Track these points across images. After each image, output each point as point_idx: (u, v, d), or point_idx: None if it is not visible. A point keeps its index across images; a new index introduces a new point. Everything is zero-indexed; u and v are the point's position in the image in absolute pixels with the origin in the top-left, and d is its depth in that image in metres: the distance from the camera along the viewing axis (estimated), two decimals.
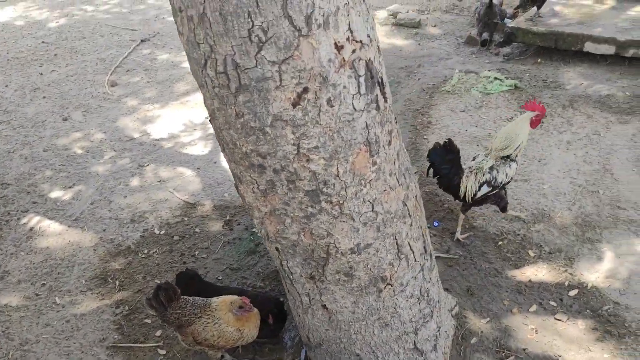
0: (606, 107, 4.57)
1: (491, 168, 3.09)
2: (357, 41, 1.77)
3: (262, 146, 1.83)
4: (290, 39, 1.64)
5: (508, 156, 3.11)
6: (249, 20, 1.60)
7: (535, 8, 5.60)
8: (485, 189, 3.10)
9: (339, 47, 1.73)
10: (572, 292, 2.92)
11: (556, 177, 3.78)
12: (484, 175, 3.08)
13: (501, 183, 3.11)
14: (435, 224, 3.50)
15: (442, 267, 3.15)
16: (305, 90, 1.73)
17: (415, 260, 2.25)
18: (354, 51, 1.76)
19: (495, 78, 5.17)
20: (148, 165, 4.35)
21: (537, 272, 3.07)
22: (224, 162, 4.23)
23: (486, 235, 3.36)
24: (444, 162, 3.16)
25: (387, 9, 7.14)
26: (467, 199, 3.14)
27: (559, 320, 2.78)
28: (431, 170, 3.26)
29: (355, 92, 1.80)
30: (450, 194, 3.26)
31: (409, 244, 2.20)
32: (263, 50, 1.65)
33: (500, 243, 3.29)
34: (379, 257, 2.11)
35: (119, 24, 7.62)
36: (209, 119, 2.00)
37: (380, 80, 1.91)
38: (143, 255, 3.40)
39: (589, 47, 5.23)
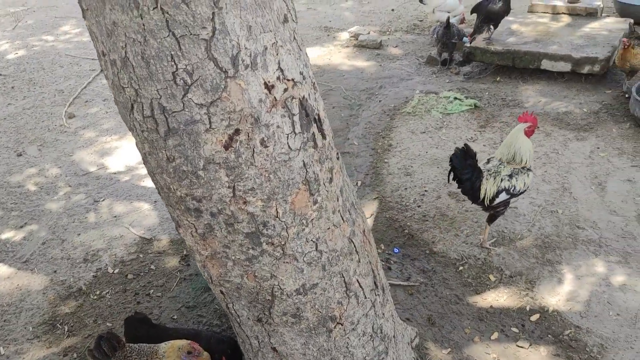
0: (564, 125, 4.62)
1: (510, 176, 3.10)
2: (288, 80, 1.72)
3: (197, 190, 1.76)
4: (217, 81, 1.58)
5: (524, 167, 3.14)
6: (173, 63, 1.54)
7: (492, 27, 5.66)
8: (504, 196, 3.11)
9: (269, 87, 1.67)
10: (534, 317, 2.89)
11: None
12: (502, 181, 3.09)
13: (519, 192, 3.13)
14: (396, 250, 3.45)
15: (403, 296, 3.09)
16: (237, 132, 1.67)
17: (366, 297, 2.19)
18: (285, 90, 1.71)
19: (455, 98, 5.19)
20: (104, 200, 4.22)
21: (498, 297, 3.03)
22: None
23: (447, 261, 3.32)
24: (465, 167, 3.11)
25: (348, 30, 7.17)
26: (485, 202, 3.13)
27: (520, 347, 2.74)
28: (451, 175, 3.20)
29: (290, 131, 1.75)
30: (471, 198, 3.21)
31: (357, 281, 2.13)
32: (190, 93, 1.58)
33: (461, 268, 3.25)
34: (326, 297, 2.04)
35: (79, 53, 7.50)
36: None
37: (316, 118, 1.86)
38: (95, 297, 3.27)
39: (545, 64, 5.29)
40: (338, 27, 7.56)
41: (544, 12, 6.45)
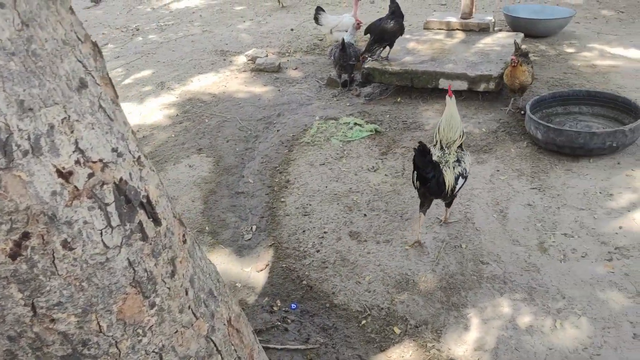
0: (464, 147, 4.48)
1: (458, 161, 3.25)
2: (94, 162, 1.34)
3: None
4: None
5: (461, 145, 3.35)
6: None
7: (387, 47, 5.51)
8: (461, 182, 3.26)
9: (65, 175, 1.29)
10: None
11: (419, 233, 3.56)
12: (455, 168, 3.21)
13: (468, 173, 3.33)
14: (293, 306, 3.11)
15: None
16: (26, 236, 1.28)
17: None
18: (91, 175, 1.33)
19: (355, 124, 4.97)
20: None
21: (403, 353, 2.76)
22: None
23: (349, 314, 3.03)
24: (427, 165, 3.06)
25: (245, 54, 6.83)
26: (448, 192, 3.21)
27: None
28: (416, 176, 3.17)
29: (104, 225, 1.37)
30: (435, 194, 3.24)
31: None
32: None
33: (363, 322, 2.96)
34: None
35: None
36: None
37: (144, 202, 1.48)
38: None
39: (443, 83, 5.19)
40: (235, 50, 7.20)
41: (439, 29, 6.43)
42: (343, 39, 5.59)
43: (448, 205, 3.54)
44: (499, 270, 3.21)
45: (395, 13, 5.37)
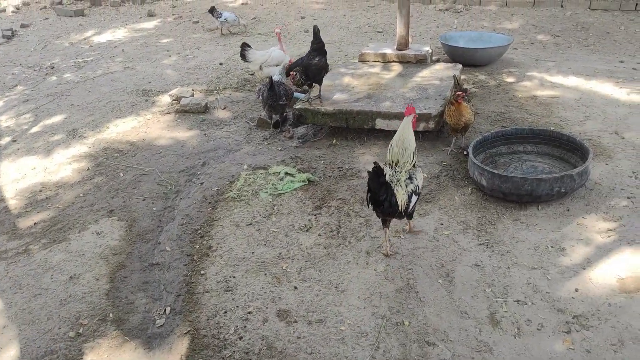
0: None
1: (410, 178, 3.31)
2: None
3: None
4: None
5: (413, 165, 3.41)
6: None
7: (317, 85, 5.12)
8: (414, 198, 3.31)
9: None
10: None
11: (356, 308, 3.12)
12: (407, 186, 3.26)
13: (421, 189, 3.42)
14: None
15: None
16: None
17: None
18: None
19: (287, 173, 4.52)
20: None
21: None
22: None
23: None
24: (380, 187, 3.14)
25: (169, 93, 6.30)
26: (402, 212, 3.24)
27: None
28: (369, 198, 3.21)
29: None
30: (389, 214, 3.28)
31: None
32: None
33: None
34: None
35: None
36: None
37: None
38: None
39: (380, 124, 4.82)
40: (159, 89, 6.65)
41: (375, 61, 6.10)
42: (271, 78, 5.16)
43: (409, 218, 3.52)
44: (447, 353, 2.79)
45: (319, 50, 5.00)
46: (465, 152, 4.51)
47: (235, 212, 4.14)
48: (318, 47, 5.03)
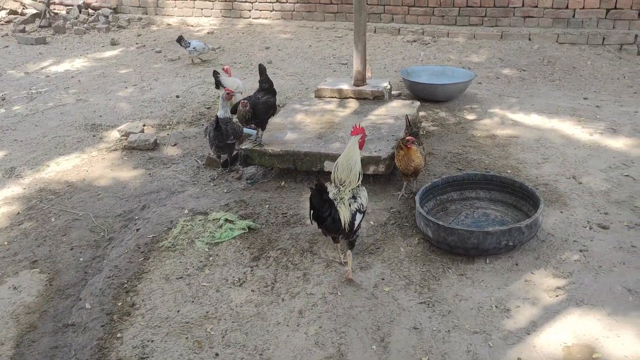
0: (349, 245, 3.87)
1: (354, 197, 3.39)
2: None
3: None
4: None
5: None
6: None
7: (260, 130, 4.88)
8: (359, 217, 3.37)
9: None
10: None
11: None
12: (351, 205, 3.34)
13: (366, 207, 3.50)
14: None
15: None
16: None
17: None
18: None
19: (227, 220, 4.25)
20: None
21: None
22: None
23: None
24: (323, 204, 3.20)
25: (118, 128, 6.04)
26: (345, 229, 3.31)
27: None
28: (312, 214, 3.25)
29: None
30: (333, 232, 3.38)
31: None
32: None
33: None
34: None
35: None
36: None
37: None
38: None
39: (329, 166, 4.58)
40: (109, 123, 6.38)
41: (332, 97, 5.91)
42: (217, 117, 4.92)
43: (350, 246, 3.49)
44: None
45: (268, 90, 4.79)
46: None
47: (168, 264, 3.85)
48: (268, 87, 4.84)
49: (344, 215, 3.28)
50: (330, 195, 3.31)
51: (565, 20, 8.76)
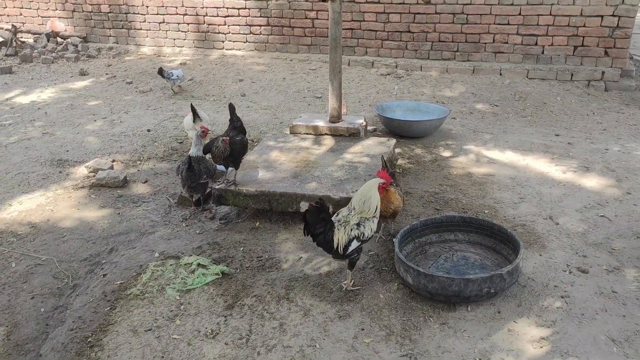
0: (326, 294, 3.73)
1: (358, 224, 3.50)
2: None
3: None
4: None
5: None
6: None
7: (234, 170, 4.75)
8: (355, 244, 3.48)
9: None
10: None
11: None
12: (352, 230, 3.47)
13: (368, 238, 3.58)
14: None
15: None
16: None
17: None
18: None
19: (199, 264, 4.08)
20: None
21: None
22: None
23: None
24: (319, 221, 3.41)
25: (86, 164, 5.82)
26: (339, 251, 3.47)
27: None
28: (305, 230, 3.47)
29: None
30: (325, 250, 3.54)
31: None
32: None
33: None
34: None
35: None
36: None
37: None
38: None
39: (305, 207, 4.47)
40: (77, 158, 6.16)
41: (307, 134, 5.84)
42: (189, 157, 4.77)
43: (350, 266, 3.67)
44: None
45: (240, 128, 4.69)
46: (395, 240, 4.20)
47: (136, 314, 3.65)
48: (240, 125, 4.74)
49: (339, 237, 3.45)
50: (340, 216, 3.57)
51: (535, 56, 8.94)
